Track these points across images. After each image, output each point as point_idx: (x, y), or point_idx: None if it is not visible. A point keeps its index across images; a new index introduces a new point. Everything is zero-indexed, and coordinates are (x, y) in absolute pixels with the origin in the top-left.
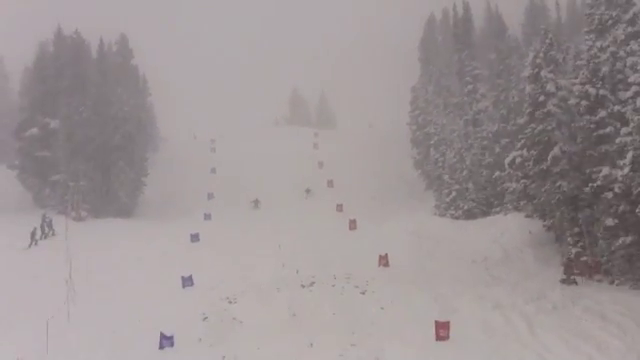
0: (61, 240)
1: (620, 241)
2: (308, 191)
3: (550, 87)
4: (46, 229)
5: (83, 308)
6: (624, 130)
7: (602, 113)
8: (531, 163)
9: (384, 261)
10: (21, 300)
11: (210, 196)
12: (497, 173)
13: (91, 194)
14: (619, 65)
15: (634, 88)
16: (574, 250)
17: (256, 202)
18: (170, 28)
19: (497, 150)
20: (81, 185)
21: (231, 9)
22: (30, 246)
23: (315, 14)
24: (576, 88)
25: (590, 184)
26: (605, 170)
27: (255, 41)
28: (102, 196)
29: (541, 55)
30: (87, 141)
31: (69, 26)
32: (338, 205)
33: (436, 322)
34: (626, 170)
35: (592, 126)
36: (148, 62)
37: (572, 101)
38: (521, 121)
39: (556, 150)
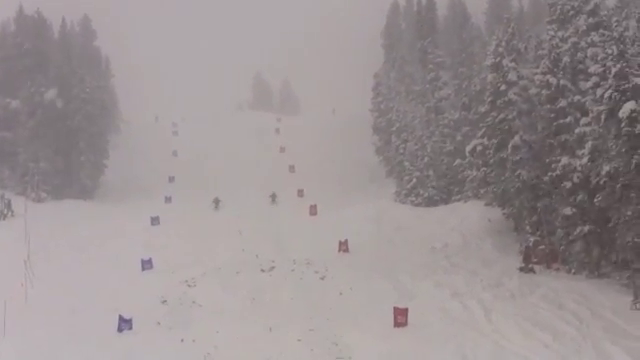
0: (20, 221)
1: (578, 230)
2: (274, 197)
3: (511, 76)
4: (4, 210)
5: (41, 290)
6: (584, 120)
7: (562, 103)
8: (491, 151)
9: (344, 247)
10: None
11: (171, 179)
12: (458, 161)
13: (51, 175)
14: (580, 55)
15: (594, 79)
16: (532, 239)
17: (216, 201)
18: (133, 10)
19: (458, 138)
20: (41, 166)
21: None
22: None
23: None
24: (537, 77)
25: (549, 173)
26: (564, 159)
27: (219, 24)
28: (63, 178)
29: (503, 44)
30: (48, 122)
31: (31, 5)
32: (299, 190)
33: (395, 308)
34: (585, 160)
35: (552, 115)
36: (111, 44)
37: (533, 90)
38: (482, 109)
39: (516, 139)
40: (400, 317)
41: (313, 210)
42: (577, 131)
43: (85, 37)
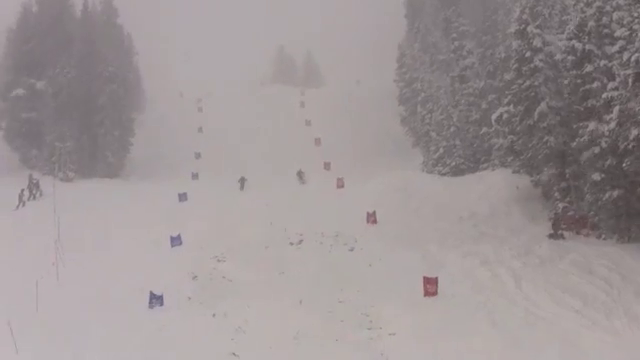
0: (49, 201)
1: (607, 195)
2: (301, 176)
3: (537, 43)
4: (33, 190)
5: (72, 268)
6: (611, 85)
7: (589, 68)
8: (518, 119)
9: (372, 218)
10: (10, 261)
11: (197, 155)
12: (484, 129)
13: (78, 155)
14: (605, 20)
15: (620, 42)
16: (561, 205)
17: (242, 181)
18: None
19: (484, 106)
20: (68, 146)
21: None
22: (18, 207)
23: None
24: (562, 43)
25: (577, 139)
26: (592, 125)
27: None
28: (89, 157)
29: (527, 11)
30: (73, 102)
31: None
32: (326, 163)
33: (424, 278)
34: (612, 125)
35: (579, 81)
36: (133, 21)
37: (559, 56)
38: (508, 77)
39: (543, 106)
40: (430, 286)
41: (340, 183)
42: (604, 96)
43: (107, 15)
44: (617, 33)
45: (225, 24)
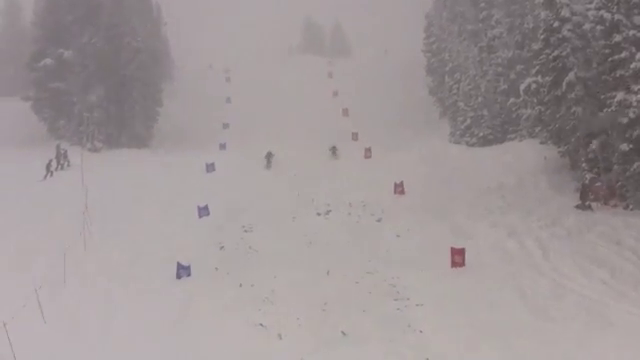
0: (77, 171)
1: (635, 166)
2: (334, 151)
3: (565, 12)
4: (61, 160)
5: (100, 238)
6: (639, 55)
7: (617, 38)
8: (546, 89)
9: (399, 189)
10: (38, 231)
11: (225, 126)
12: (512, 100)
13: (106, 125)
14: None
15: None
16: (589, 176)
17: (269, 157)
18: None
19: (512, 77)
20: (96, 116)
21: None
22: (46, 177)
23: None
24: (591, 13)
25: (605, 109)
26: (620, 95)
27: None
28: (117, 127)
29: None
30: (101, 72)
31: None
32: (353, 134)
33: (452, 249)
34: None
35: (607, 51)
36: None
37: (587, 26)
38: (536, 47)
39: (571, 76)
40: (457, 257)
41: (368, 153)
42: (633, 66)
43: None
44: None
45: None
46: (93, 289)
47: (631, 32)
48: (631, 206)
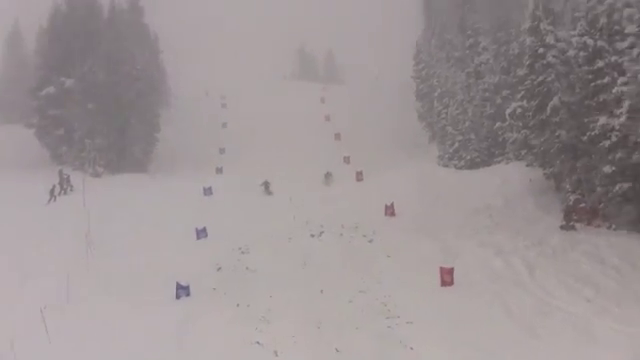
0: (79, 196)
1: (617, 187)
2: (328, 176)
3: (549, 39)
4: (64, 185)
5: (101, 260)
6: (621, 80)
7: (600, 64)
8: (531, 113)
9: (390, 210)
10: (43, 252)
11: (222, 150)
12: (498, 124)
13: (106, 151)
14: (616, 16)
15: (630, 39)
16: (573, 197)
17: (266, 185)
18: None
19: (498, 101)
20: (97, 142)
21: None
22: (49, 202)
23: None
24: (574, 40)
25: (588, 133)
26: (602, 119)
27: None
28: (117, 152)
29: (540, 7)
30: (101, 99)
31: None
32: (345, 157)
33: (441, 268)
34: (623, 119)
35: (590, 76)
36: (159, 20)
37: (570, 52)
38: (521, 73)
39: (555, 100)
40: (446, 276)
41: (359, 176)
42: (615, 91)
43: (133, 14)
44: (627, 30)
45: (249, 23)
46: (96, 309)
47: (613, 58)
48: (614, 226)
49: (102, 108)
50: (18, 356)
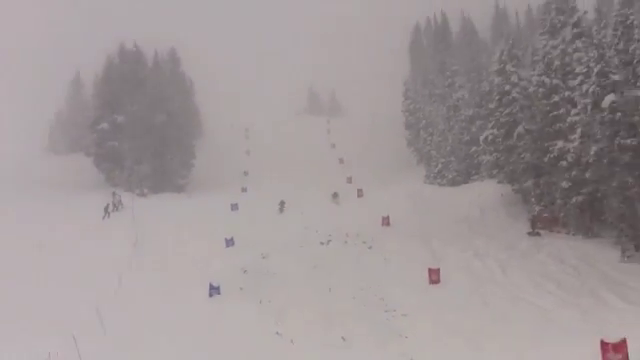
0: (128, 212)
1: (574, 200)
2: (335, 196)
3: (513, 78)
4: (116, 203)
5: (147, 264)
6: (573, 111)
7: (556, 98)
8: (501, 139)
9: (386, 221)
10: (99, 259)
11: (246, 173)
12: (474, 148)
13: (151, 175)
14: (568, 59)
15: (580, 77)
16: (537, 208)
17: (282, 204)
18: (211, 39)
19: (473, 130)
20: (143, 168)
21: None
22: (104, 218)
23: (324, 26)
24: (534, 79)
25: (548, 155)
26: (560, 143)
27: (282, 47)
28: (160, 176)
29: (505, 53)
30: (146, 133)
31: (130, 40)
32: (348, 178)
33: (429, 269)
34: (576, 143)
35: (548, 108)
36: (194, 68)
37: (531, 89)
38: (491, 106)
39: (520, 129)
40: (434, 276)
41: (360, 193)
42: (569, 120)
43: (173, 64)
44: (577, 70)
45: (267, 68)
46: (142, 306)
47: (566, 93)
48: (572, 232)
49: (147, 140)
50: (78, 345)
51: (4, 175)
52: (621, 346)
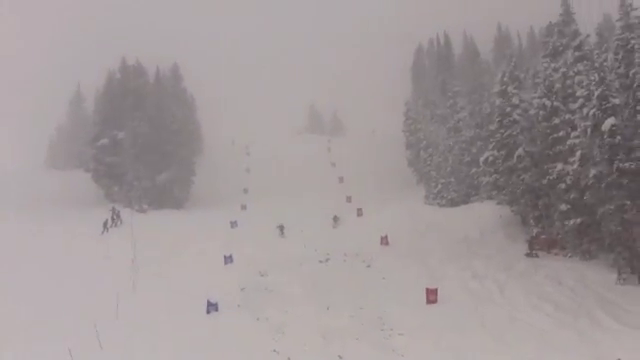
0: (127, 228)
1: (572, 222)
2: (336, 219)
3: (515, 100)
4: (115, 219)
5: (145, 281)
6: (573, 134)
7: (556, 120)
8: (500, 161)
9: (385, 241)
10: (97, 275)
11: (245, 190)
12: (474, 169)
13: (151, 191)
14: (569, 82)
15: (580, 100)
16: (535, 230)
17: (281, 228)
18: (212, 57)
19: (473, 151)
20: (143, 184)
21: (256, 43)
22: (103, 233)
23: (327, 45)
24: (535, 101)
25: (547, 177)
26: (559, 166)
27: (284, 65)
28: (159, 192)
29: (507, 75)
30: (147, 148)
31: (131, 56)
32: (347, 197)
33: (427, 289)
34: (575, 166)
35: (548, 131)
36: (195, 85)
37: (532, 111)
38: (492, 127)
39: (520, 150)
40: (431, 295)
41: (359, 212)
42: (569, 143)
43: (174, 80)
44: (578, 93)
45: (268, 86)
46: (140, 322)
47: (567, 116)
48: (569, 254)
49: (147, 156)
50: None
51: (3, 189)
52: None
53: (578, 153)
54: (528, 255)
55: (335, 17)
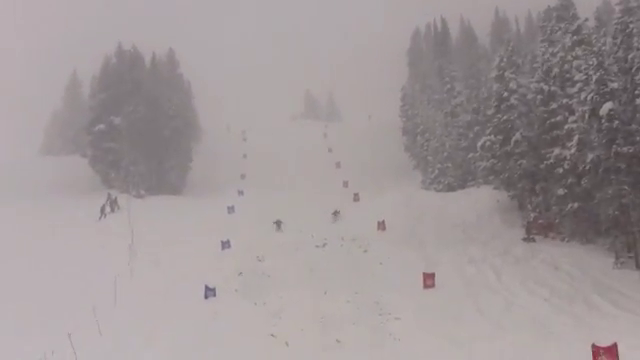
0: (124, 214)
1: (569, 207)
2: (336, 213)
3: (512, 85)
4: (112, 205)
5: (143, 267)
6: (571, 118)
7: (553, 105)
8: (498, 146)
9: (382, 226)
10: (94, 261)
11: (242, 176)
12: (471, 154)
13: (147, 176)
14: (567, 67)
15: (578, 85)
16: (533, 214)
17: (278, 223)
18: (209, 42)
19: (470, 136)
20: (140, 169)
21: (253, 29)
22: (100, 219)
23: (323, 29)
24: (533, 85)
25: (545, 162)
26: (556, 151)
27: (279, 50)
28: (156, 178)
29: (505, 60)
30: (143, 134)
31: (127, 42)
32: (344, 182)
33: (424, 273)
34: (573, 150)
35: (546, 115)
36: (191, 70)
37: (530, 96)
38: (489, 112)
39: (517, 135)
40: (428, 280)
41: (356, 197)
42: (566, 127)
43: (171, 66)
44: (576, 77)
45: (264, 72)
46: (139, 308)
47: (564, 100)
48: (566, 238)
49: (144, 141)
50: (75, 345)
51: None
52: (612, 350)
53: (576, 137)
54: (525, 240)
55: (331, 1)
